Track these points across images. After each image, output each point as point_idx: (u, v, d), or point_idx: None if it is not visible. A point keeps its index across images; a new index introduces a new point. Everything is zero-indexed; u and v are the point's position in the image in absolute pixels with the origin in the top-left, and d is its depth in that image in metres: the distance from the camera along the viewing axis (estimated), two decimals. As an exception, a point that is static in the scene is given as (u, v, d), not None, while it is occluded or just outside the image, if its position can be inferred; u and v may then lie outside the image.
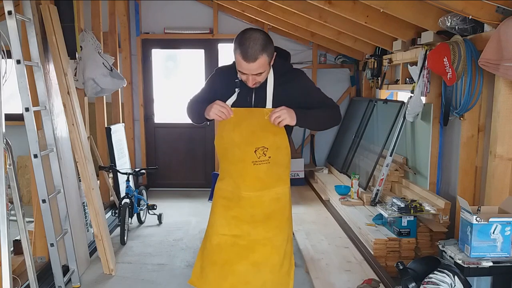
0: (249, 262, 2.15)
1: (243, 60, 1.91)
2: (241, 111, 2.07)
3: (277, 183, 2.16)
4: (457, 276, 2.37)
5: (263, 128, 2.06)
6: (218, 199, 2.22)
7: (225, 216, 2.18)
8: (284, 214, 2.22)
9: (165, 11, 6.00)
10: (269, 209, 2.16)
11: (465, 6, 2.67)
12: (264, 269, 2.16)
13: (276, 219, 2.18)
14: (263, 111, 2.06)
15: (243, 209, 2.15)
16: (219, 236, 2.17)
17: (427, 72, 3.53)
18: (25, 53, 2.99)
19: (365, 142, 5.03)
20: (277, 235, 2.18)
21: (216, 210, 2.22)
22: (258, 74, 1.97)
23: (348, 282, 2.99)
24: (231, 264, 2.15)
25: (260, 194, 2.14)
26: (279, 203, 2.18)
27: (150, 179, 6.31)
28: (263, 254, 2.16)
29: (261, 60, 1.92)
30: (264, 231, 2.16)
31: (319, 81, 6.12)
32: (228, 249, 2.16)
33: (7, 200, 2.43)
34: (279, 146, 2.10)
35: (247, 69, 1.94)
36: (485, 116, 3.09)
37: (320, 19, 4.34)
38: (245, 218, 2.16)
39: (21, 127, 2.96)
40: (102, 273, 3.54)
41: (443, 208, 3.38)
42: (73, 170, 3.65)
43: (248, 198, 2.14)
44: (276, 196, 2.17)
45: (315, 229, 4.06)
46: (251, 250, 2.15)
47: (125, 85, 4.75)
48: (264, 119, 2.05)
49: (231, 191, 2.18)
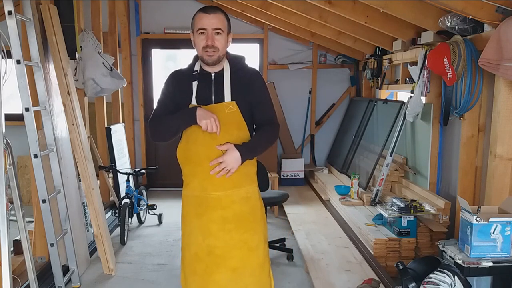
0: (227, 269, 2.11)
1: (204, 13, 2.00)
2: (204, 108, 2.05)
3: (246, 181, 2.14)
4: (457, 276, 2.37)
5: (225, 123, 2.04)
6: (187, 207, 2.17)
7: (197, 224, 2.13)
8: (256, 214, 2.18)
9: (165, 11, 6.00)
10: (240, 209, 2.12)
11: (465, 6, 2.67)
12: (243, 273, 2.13)
13: (248, 220, 2.14)
14: (223, 105, 2.06)
15: (214, 213, 2.10)
16: (195, 245, 2.14)
17: (427, 72, 3.53)
18: (25, 53, 2.98)
19: (365, 142, 5.04)
20: (251, 236, 2.14)
21: (188, 219, 2.17)
22: (218, 31, 2.00)
23: (348, 282, 2.99)
24: (210, 274, 2.12)
25: (230, 193, 2.10)
26: (249, 203, 2.15)
27: (150, 179, 6.31)
28: (240, 258, 2.12)
29: (220, 15, 2.02)
30: (237, 234, 2.11)
31: (319, 81, 6.12)
32: (205, 258, 2.12)
33: (7, 200, 2.43)
34: (243, 141, 2.08)
35: (208, 23, 1.99)
36: (485, 116, 3.09)
37: (320, 19, 4.34)
38: (217, 222, 2.10)
39: (21, 127, 2.96)
40: (102, 273, 3.54)
41: (443, 208, 3.38)
42: (73, 170, 3.65)
43: (218, 199, 2.09)
44: (246, 195, 2.14)
45: (315, 229, 4.07)
46: (227, 256, 2.12)
47: (125, 85, 4.75)
48: (225, 114, 2.04)
49: (198, 196, 2.12)
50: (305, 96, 6.14)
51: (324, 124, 6.26)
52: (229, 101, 2.06)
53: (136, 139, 6.23)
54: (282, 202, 4.16)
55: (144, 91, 6.16)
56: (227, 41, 2.08)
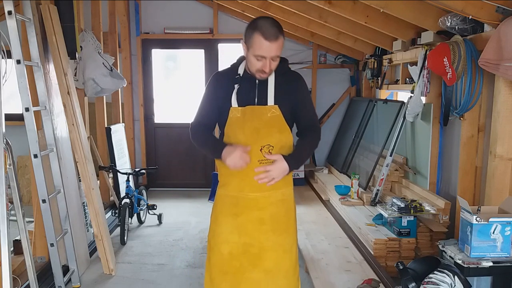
0: (261, 270, 2.12)
1: (265, 40, 1.89)
2: (244, 110, 2.05)
3: (283, 183, 2.12)
4: (457, 276, 2.37)
5: (267, 125, 2.04)
6: (223, 206, 2.16)
7: (233, 223, 2.12)
8: (291, 216, 2.20)
9: (165, 11, 6.00)
10: (276, 211, 2.13)
11: (465, 6, 2.67)
12: (277, 275, 2.13)
13: (284, 222, 2.16)
14: (266, 108, 2.05)
15: (251, 213, 2.10)
16: (229, 244, 2.12)
17: (427, 72, 3.53)
18: (25, 53, 2.99)
19: (365, 142, 5.04)
20: (286, 239, 2.16)
21: (222, 219, 2.15)
22: (275, 57, 1.97)
23: (348, 282, 2.99)
24: (243, 272, 2.12)
25: (268, 195, 2.10)
26: (285, 205, 2.16)
27: (150, 179, 6.31)
28: (275, 260, 2.13)
29: (280, 40, 1.93)
30: (273, 236, 2.12)
31: (319, 81, 6.12)
32: (240, 256, 2.12)
33: (7, 200, 2.43)
34: (284, 144, 2.08)
35: (268, 50, 1.92)
36: (485, 116, 3.09)
37: (320, 19, 4.34)
38: (254, 223, 2.11)
39: (21, 127, 2.96)
40: (102, 273, 3.54)
41: (443, 208, 3.38)
42: (73, 170, 3.65)
43: (255, 200, 2.10)
44: (282, 198, 2.15)
45: (315, 229, 4.06)
46: (263, 257, 2.12)
47: (125, 85, 4.75)
48: (267, 117, 2.04)
49: (235, 196, 2.12)
50: (305, 96, 6.13)
51: (324, 124, 6.25)
52: (272, 105, 2.06)
53: (136, 139, 6.23)
54: (282, 202, 4.15)
55: (144, 91, 6.17)
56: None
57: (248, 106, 2.05)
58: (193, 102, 6.30)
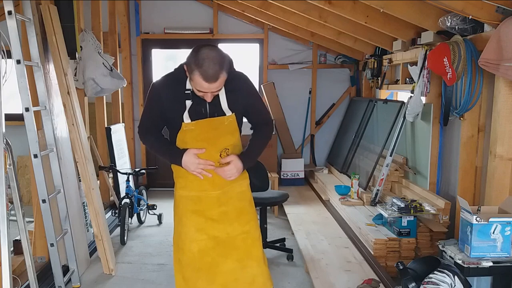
0: (233, 259, 2.19)
1: (205, 81, 1.91)
2: (202, 122, 2.09)
3: (240, 177, 2.22)
4: (457, 276, 2.37)
5: (223, 132, 2.14)
6: (184, 207, 2.21)
7: (198, 221, 2.18)
8: (252, 205, 2.30)
9: (165, 11, 6.00)
10: (239, 203, 2.22)
11: (465, 6, 2.67)
12: (250, 263, 2.20)
13: (249, 212, 2.25)
14: (224, 118, 2.12)
15: (214, 209, 2.19)
16: (198, 242, 2.18)
17: (427, 72, 3.53)
18: (25, 53, 2.98)
19: (365, 142, 5.04)
20: (253, 227, 2.24)
21: (186, 219, 2.20)
22: (216, 91, 2.01)
23: (348, 282, 2.99)
24: (216, 265, 2.18)
25: (227, 190, 2.20)
26: (246, 196, 2.26)
27: (150, 179, 6.31)
28: (245, 248, 2.20)
29: (222, 78, 1.94)
30: (240, 226, 2.21)
31: (319, 81, 6.12)
32: (210, 251, 2.18)
33: (7, 200, 2.43)
34: (237, 144, 2.21)
35: (208, 89, 1.95)
36: (485, 116, 3.09)
37: (320, 19, 4.34)
38: (218, 217, 2.19)
39: (21, 127, 2.96)
40: (102, 273, 3.54)
41: (443, 208, 3.38)
42: (73, 170, 3.65)
43: (217, 197, 2.19)
44: (241, 189, 2.24)
45: (315, 229, 4.07)
46: (232, 247, 2.19)
47: (125, 85, 4.75)
48: (224, 125, 2.12)
49: (197, 196, 2.19)
50: (305, 96, 6.14)
51: (324, 124, 6.25)
52: (229, 115, 2.13)
53: (136, 139, 6.22)
54: (282, 202, 4.16)
55: (144, 91, 6.15)
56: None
57: (206, 119, 2.09)
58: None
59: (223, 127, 2.13)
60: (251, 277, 2.20)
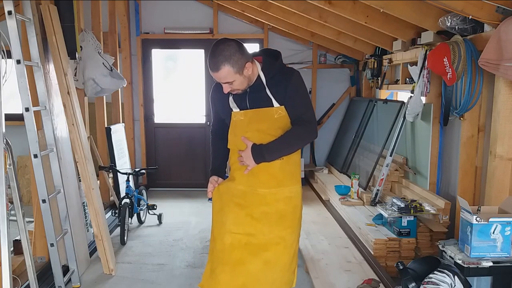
0: (261, 261, 2.16)
1: (210, 71, 2.02)
2: (250, 112, 2.10)
3: (291, 181, 2.20)
4: (457, 276, 2.37)
5: (274, 126, 2.10)
6: (229, 198, 2.21)
7: (238, 214, 2.17)
8: (297, 213, 2.25)
9: (165, 11, 6.00)
10: (283, 207, 2.18)
11: (465, 6, 2.67)
12: (275, 267, 2.18)
13: (289, 219, 2.21)
14: (272, 110, 2.09)
15: (257, 207, 2.16)
16: (232, 234, 2.16)
17: (427, 72, 3.53)
18: (25, 53, 2.99)
19: (365, 142, 5.03)
20: (289, 234, 2.20)
21: (227, 209, 2.19)
22: (228, 83, 2.03)
23: (348, 282, 2.99)
24: (243, 263, 2.16)
25: (275, 192, 2.16)
26: (292, 202, 2.21)
27: (150, 179, 6.31)
28: (276, 252, 2.17)
29: (224, 70, 1.97)
30: (277, 230, 2.17)
31: (319, 81, 6.12)
32: (242, 248, 2.16)
33: (7, 200, 2.43)
34: None
35: (216, 78, 2.04)
36: (485, 116, 3.09)
37: (320, 19, 4.34)
38: (259, 216, 2.16)
39: (21, 127, 2.96)
40: (102, 273, 3.54)
41: (443, 208, 3.38)
42: (73, 170, 3.65)
43: (263, 196, 2.16)
44: (290, 195, 2.20)
45: (315, 229, 4.07)
46: (264, 248, 2.16)
47: (125, 85, 4.75)
48: (273, 118, 2.09)
49: (243, 190, 2.18)
50: (305, 96, 6.13)
51: (324, 124, 6.25)
52: (278, 106, 2.09)
53: (136, 139, 6.23)
54: (282, 202, 4.15)
55: (144, 91, 6.16)
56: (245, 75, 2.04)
57: (252, 109, 2.10)
58: (193, 102, 6.33)
59: (273, 120, 2.09)
60: (272, 280, 2.18)
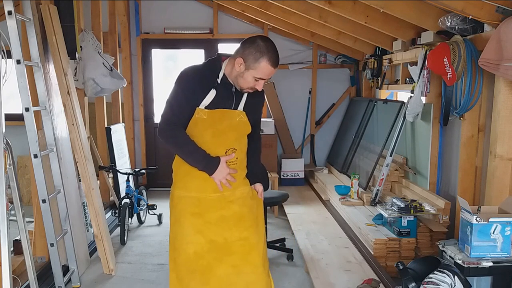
0: (228, 265, 2.16)
1: (272, 67, 2.03)
2: (215, 112, 2.08)
3: (241, 183, 2.23)
4: (457, 276, 2.37)
5: (234, 129, 2.12)
6: (183, 208, 2.18)
7: (196, 223, 2.16)
8: (254, 212, 2.26)
9: (165, 11, 6.00)
10: (239, 209, 2.19)
11: (465, 6, 2.67)
12: (245, 269, 2.17)
13: (248, 219, 2.21)
14: (235, 113, 2.12)
15: (214, 212, 2.16)
16: (194, 244, 2.16)
17: (427, 72, 3.53)
18: (25, 53, 2.98)
19: (365, 142, 5.03)
20: (252, 234, 2.21)
21: (185, 220, 2.17)
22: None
23: (348, 282, 2.99)
24: (211, 269, 2.16)
25: (228, 194, 2.17)
26: (246, 203, 2.22)
27: (150, 179, 6.31)
28: (242, 254, 2.17)
29: None
30: (238, 232, 2.17)
31: (319, 81, 6.12)
32: (206, 255, 2.16)
33: (7, 200, 2.43)
34: (243, 148, 2.21)
35: (270, 75, 2.06)
36: (485, 116, 3.09)
37: (320, 19, 4.34)
38: (216, 221, 2.16)
39: (21, 127, 2.96)
40: (102, 273, 3.54)
41: (443, 208, 3.38)
42: (73, 170, 3.65)
43: (217, 200, 2.16)
44: (242, 196, 2.21)
45: (315, 229, 4.07)
46: (229, 252, 2.16)
47: (125, 85, 4.75)
48: (236, 121, 2.12)
49: (197, 197, 2.16)
50: (305, 96, 6.14)
51: (324, 124, 6.25)
52: (241, 110, 2.14)
53: (136, 139, 6.23)
54: (282, 202, 4.16)
55: (144, 91, 6.16)
56: None
57: (218, 109, 2.08)
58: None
59: (234, 123, 2.11)
60: (245, 284, 2.17)
